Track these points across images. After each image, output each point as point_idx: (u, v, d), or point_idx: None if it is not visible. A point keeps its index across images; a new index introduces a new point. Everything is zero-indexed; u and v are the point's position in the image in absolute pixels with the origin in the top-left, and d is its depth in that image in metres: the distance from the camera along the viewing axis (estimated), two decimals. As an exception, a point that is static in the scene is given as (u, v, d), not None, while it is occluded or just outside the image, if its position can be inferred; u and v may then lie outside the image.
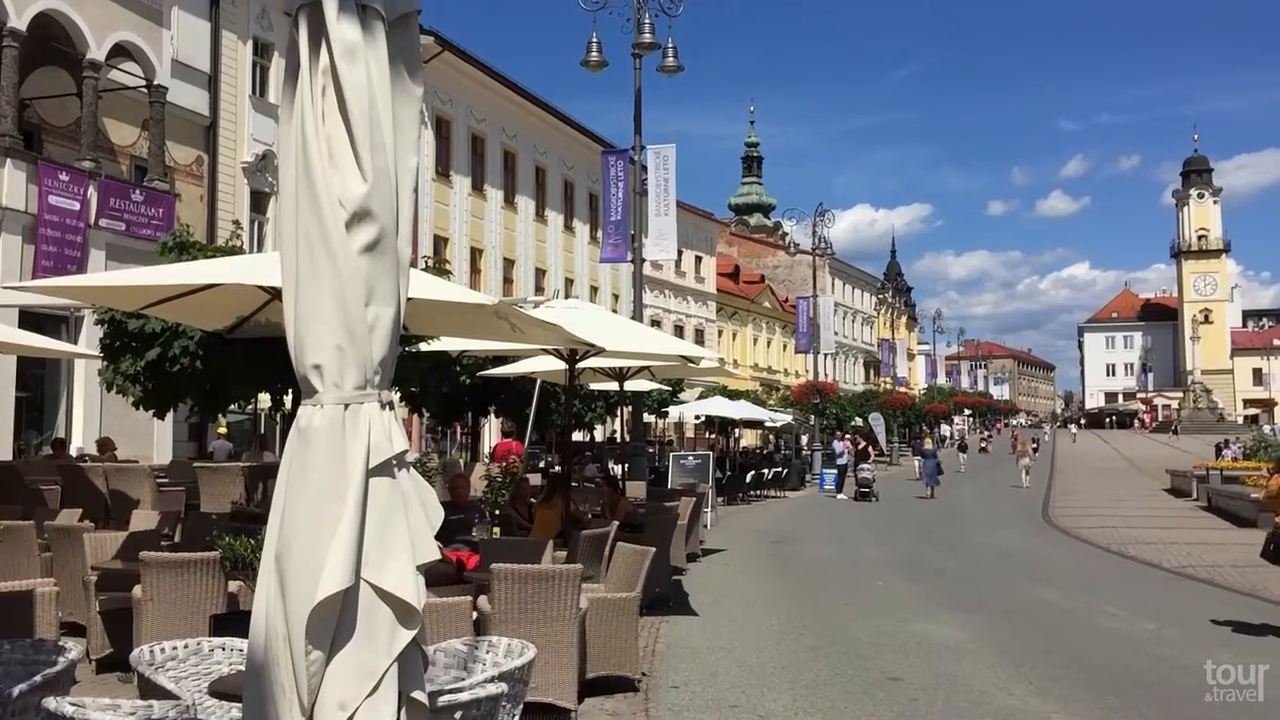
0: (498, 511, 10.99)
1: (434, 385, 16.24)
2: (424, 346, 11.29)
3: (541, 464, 23.72)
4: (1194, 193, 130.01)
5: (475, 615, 6.41)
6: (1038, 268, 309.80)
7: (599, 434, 34.22)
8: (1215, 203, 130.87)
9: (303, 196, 2.61)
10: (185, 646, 4.37)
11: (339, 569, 2.55)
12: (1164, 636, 9.94)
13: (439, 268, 19.29)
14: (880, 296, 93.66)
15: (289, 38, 2.71)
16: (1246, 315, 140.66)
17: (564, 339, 8.69)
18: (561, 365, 10.95)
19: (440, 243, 33.29)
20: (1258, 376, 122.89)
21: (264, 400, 18.17)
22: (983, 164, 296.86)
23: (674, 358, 12.46)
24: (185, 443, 22.13)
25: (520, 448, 19.18)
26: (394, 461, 2.65)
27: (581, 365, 11.22)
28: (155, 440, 20.92)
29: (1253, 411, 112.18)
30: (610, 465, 22.29)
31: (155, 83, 22.13)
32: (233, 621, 5.29)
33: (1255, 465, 32.45)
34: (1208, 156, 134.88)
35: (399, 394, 15.00)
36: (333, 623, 2.58)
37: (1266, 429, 68.08)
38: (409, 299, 6.02)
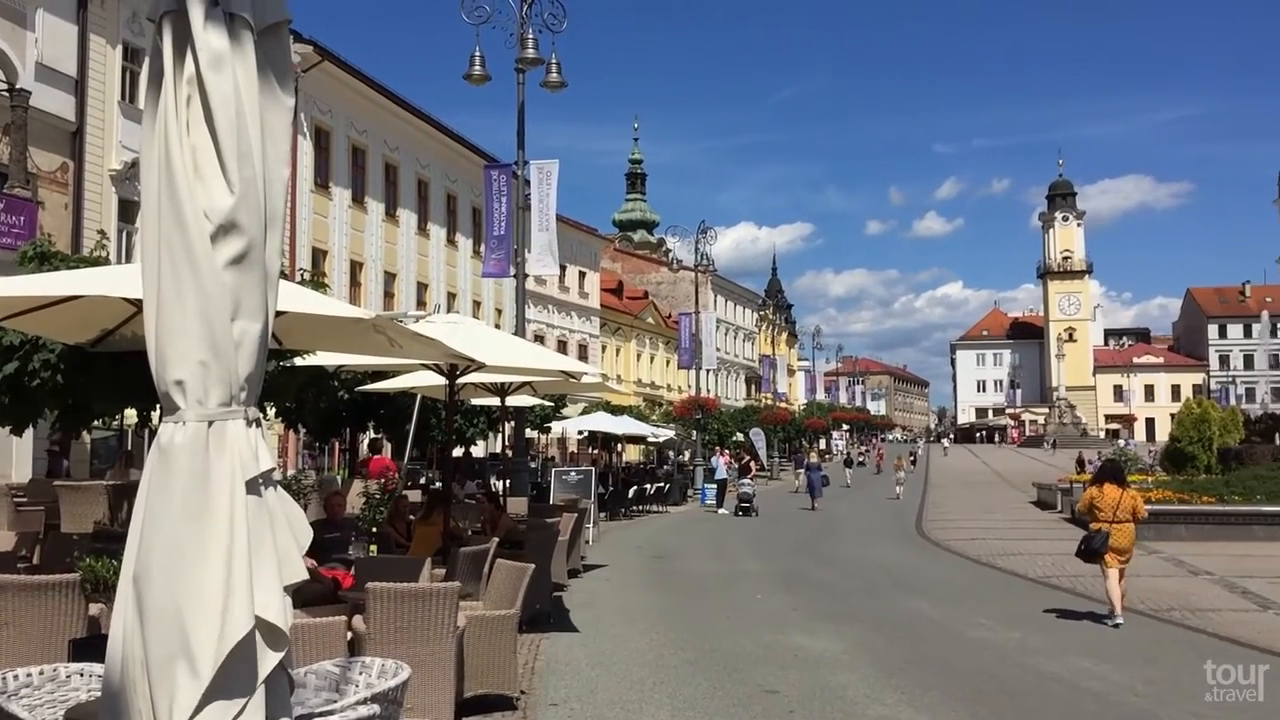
0: (374, 529, 10.81)
1: (310, 401, 15.87)
2: (300, 361, 11.04)
3: (422, 480, 23.40)
4: (1059, 216, 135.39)
5: (350, 635, 6.28)
6: (913, 286, 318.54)
7: (481, 450, 33.92)
8: (1079, 225, 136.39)
9: (166, 208, 2.54)
10: (41, 673, 4.19)
11: (204, 591, 2.48)
12: (1028, 645, 10.26)
13: (317, 281, 18.92)
14: (761, 313, 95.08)
15: (152, 45, 2.64)
16: (1108, 334, 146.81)
17: (444, 354, 8.60)
18: (442, 380, 10.83)
19: (319, 255, 32.65)
20: (1118, 393, 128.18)
21: (130, 416, 17.55)
22: (862, 185, 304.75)
23: (556, 373, 12.41)
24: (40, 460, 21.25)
25: (389, 463, 18.92)
26: (260, 480, 2.59)
27: (462, 380, 11.11)
28: (14, 458, 20.02)
29: (1114, 426, 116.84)
30: (492, 481, 22.11)
31: (18, 86, 21.26)
32: (92, 646, 5.08)
33: (1115, 478, 33.74)
34: (1072, 181, 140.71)
35: (274, 410, 14.64)
36: (194, 646, 2.50)
37: (1121, 443, 70.98)
38: (284, 312, 5.90)
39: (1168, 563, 17.24)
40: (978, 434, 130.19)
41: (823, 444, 77.26)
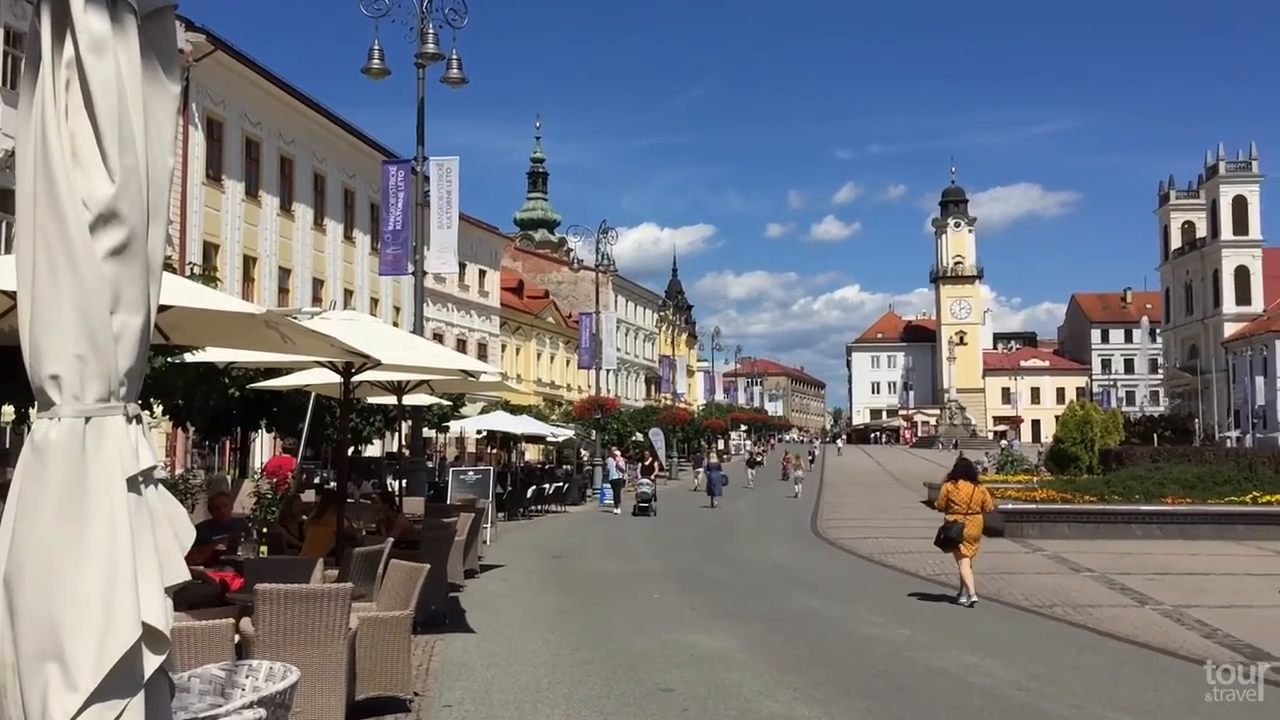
0: (265, 530, 10.58)
1: (199, 398, 15.46)
2: (188, 357, 10.75)
3: (316, 480, 22.97)
4: (951, 222, 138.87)
5: (237, 638, 6.14)
6: (812, 289, 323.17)
7: (377, 449, 33.45)
8: (970, 232, 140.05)
9: (42, 196, 2.44)
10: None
11: (81, 594, 2.40)
12: (918, 641, 10.49)
13: (208, 275, 18.45)
14: (662, 314, 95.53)
15: (31, 27, 2.54)
16: (997, 338, 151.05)
17: (339, 351, 8.45)
18: (337, 378, 10.65)
19: (211, 249, 31.83)
20: (1006, 395, 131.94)
21: (8, 413, 16.89)
22: (763, 188, 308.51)
23: (454, 372, 12.30)
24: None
25: (293, 463, 18.55)
26: (140, 478, 2.52)
27: (358, 378, 10.94)
28: (-120, 456, 19.13)
29: (1002, 428, 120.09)
30: (388, 481, 21.82)
31: (-112, 67, 20.34)
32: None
33: (1003, 478, 34.78)
34: (964, 188, 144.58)
35: (160, 407, 14.23)
36: (70, 650, 2.42)
37: (1004, 443, 73.02)
38: (170, 306, 5.74)
39: (1051, 560, 17.78)
40: (872, 435, 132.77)
41: (721, 444, 77.96)
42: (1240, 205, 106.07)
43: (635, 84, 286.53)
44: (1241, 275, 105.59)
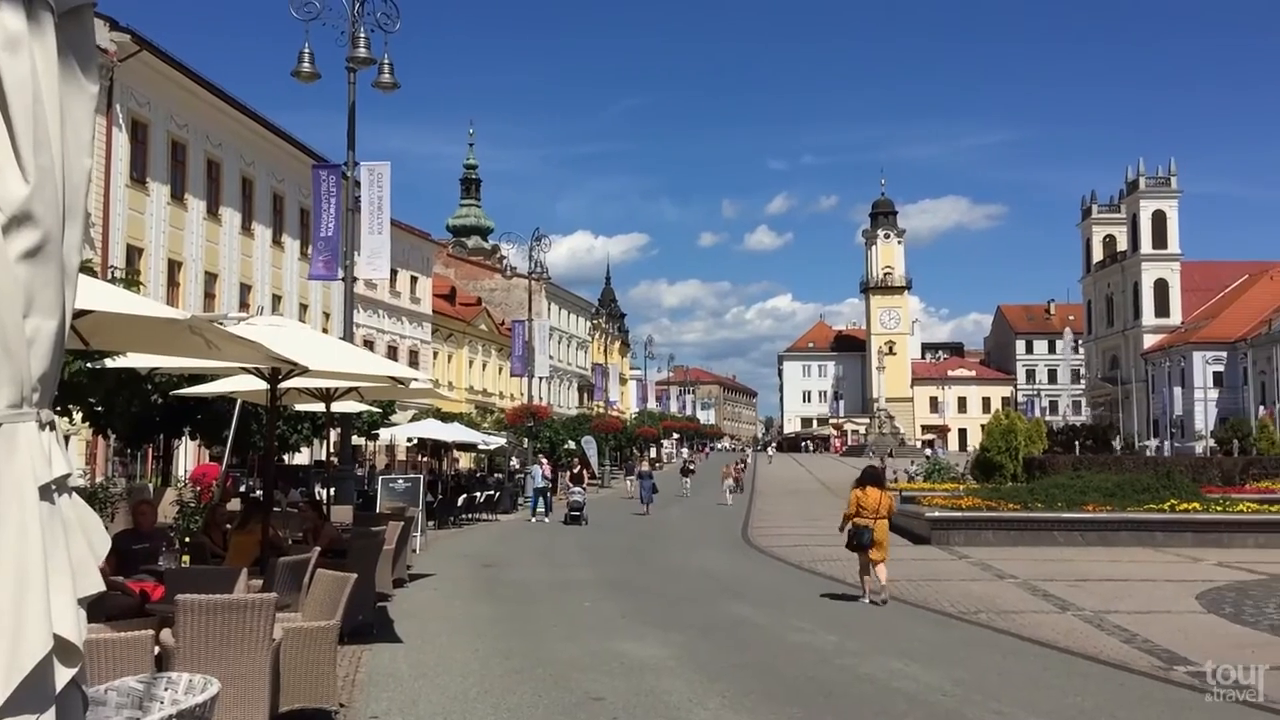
0: (188, 539, 10.39)
1: (121, 405, 15.13)
2: (109, 363, 10.52)
3: (242, 488, 22.59)
4: (881, 233, 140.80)
5: (157, 650, 6.01)
6: (744, 298, 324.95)
7: (305, 457, 32.99)
8: (900, 243, 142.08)
9: (-48, 196, 2.38)
10: None
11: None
12: (846, 648, 10.58)
13: (131, 280, 18.07)
14: (595, 322, 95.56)
15: (-59, 22, 2.47)
16: (926, 348, 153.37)
17: (265, 357, 8.33)
18: (263, 385, 10.50)
19: (134, 253, 31.19)
20: (934, 404, 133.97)
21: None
22: (697, 197, 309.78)
23: (383, 379, 12.16)
24: None
25: (217, 471, 18.24)
26: (53, 486, 2.45)
27: (285, 385, 10.79)
28: None
29: (929, 436, 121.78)
30: (316, 489, 21.54)
31: None
32: None
33: (930, 487, 35.29)
34: (894, 200, 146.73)
35: (80, 414, 13.91)
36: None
37: (929, 452, 74.20)
38: (89, 311, 5.61)
39: (976, 567, 18.07)
40: (803, 443, 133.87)
41: (653, 452, 78.09)
42: (1159, 220, 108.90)
43: (570, 91, 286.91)
44: (1160, 288, 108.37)
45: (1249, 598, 13.89)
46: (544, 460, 35.31)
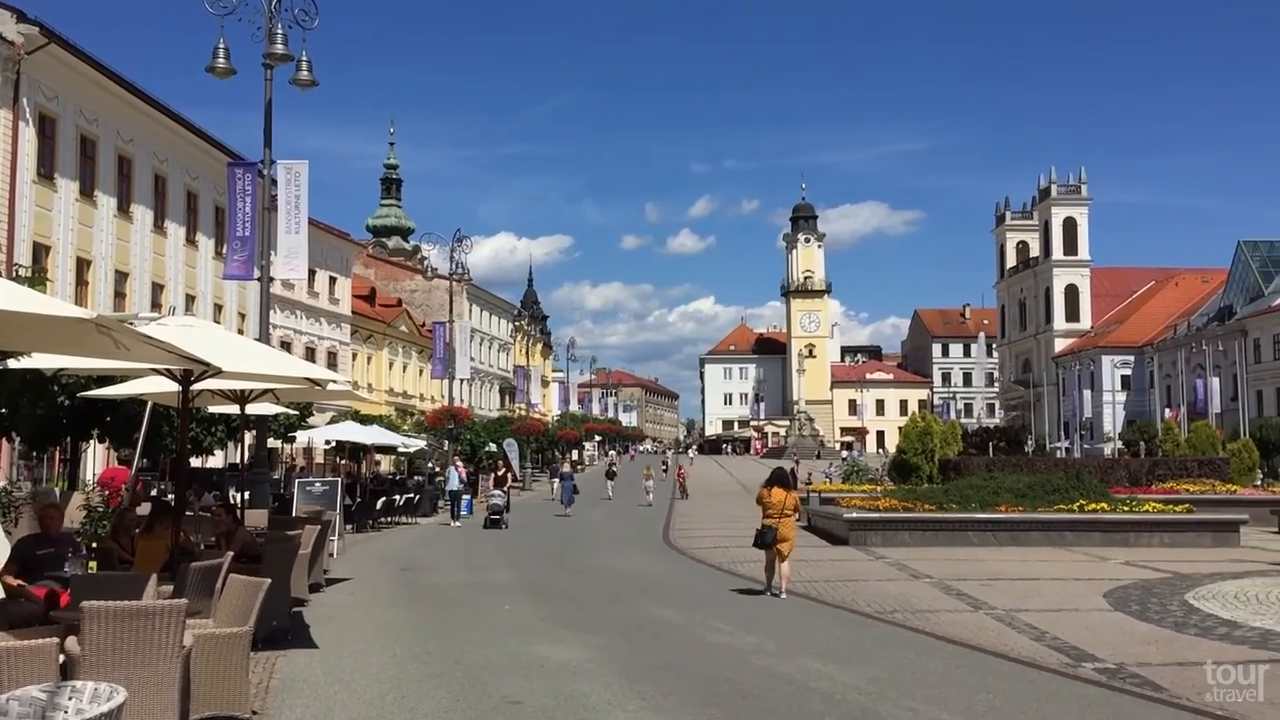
0: (95, 544, 10.13)
1: (26, 407, 14.70)
2: (12, 363, 10.21)
3: (153, 492, 22.07)
4: (801, 237, 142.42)
5: (62, 659, 5.85)
6: (667, 301, 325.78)
7: (219, 460, 32.38)
8: (819, 247, 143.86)
9: None
10: None
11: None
12: (764, 648, 10.67)
13: (37, 278, 17.56)
14: (517, 324, 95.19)
15: None
16: (845, 351, 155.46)
17: (176, 358, 8.15)
18: (175, 386, 10.27)
19: (41, 251, 30.31)
20: (852, 407, 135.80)
21: None
22: (620, 200, 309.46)
23: (300, 380, 11.98)
24: None
25: (127, 474, 17.80)
26: (-52, 490, 2.38)
27: (197, 387, 10.57)
28: None
29: (848, 439, 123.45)
30: (230, 493, 21.13)
31: None
32: None
33: (848, 488, 35.76)
34: (815, 205, 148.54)
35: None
36: None
37: (844, 454, 75.22)
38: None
39: (892, 567, 18.34)
40: (724, 445, 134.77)
41: (575, 455, 78.03)
42: (1070, 227, 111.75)
43: (493, 92, 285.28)
44: (1071, 293, 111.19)
45: (1154, 595, 14.29)
46: (459, 462, 34.98)
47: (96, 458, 29.01)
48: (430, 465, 44.48)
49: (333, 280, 56.32)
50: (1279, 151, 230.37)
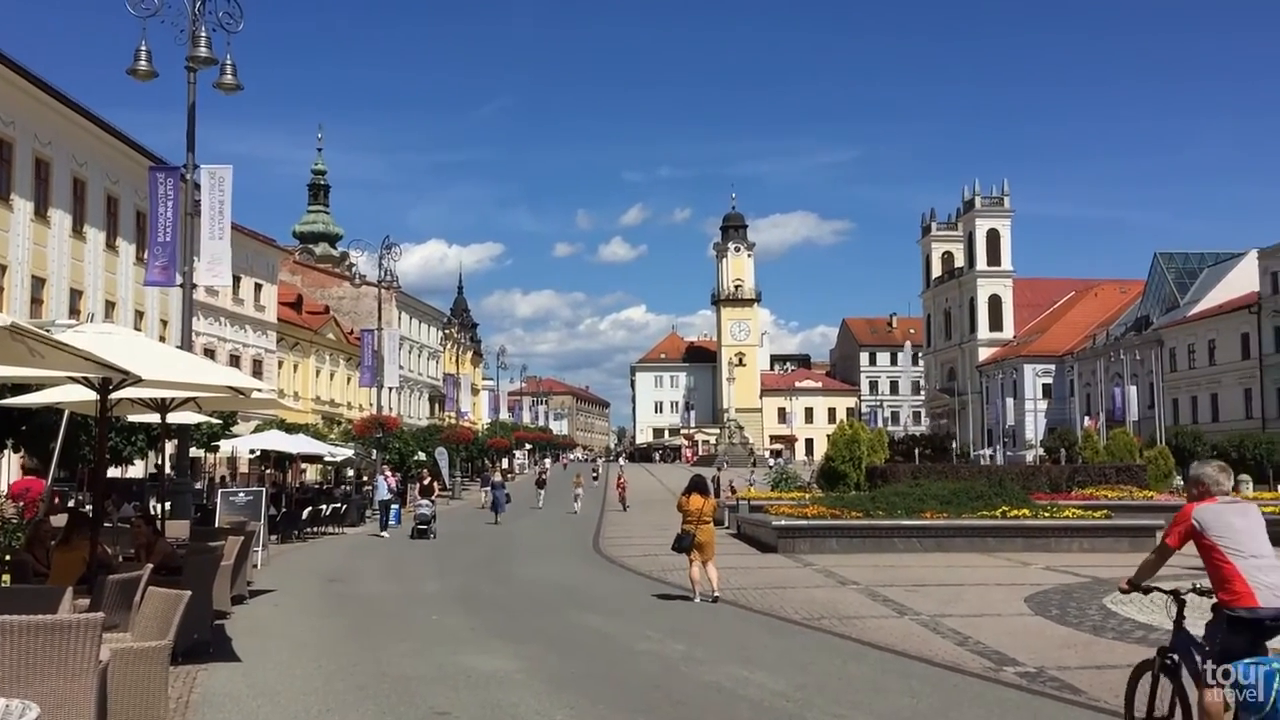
0: (9, 557, 9.86)
1: (-64, 416, 14.28)
2: (-78, 371, 9.90)
3: (70, 503, 21.55)
4: (732, 246, 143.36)
5: (-28, 675, 5.68)
6: (598, 309, 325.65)
7: (139, 470, 31.69)
8: (750, 256, 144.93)
9: None
10: None
11: None
12: (693, 655, 10.71)
13: (-52, 283, 17.08)
14: (447, 331, 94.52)
15: None
16: (775, 359, 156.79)
17: (94, 366, 7.97)
18: (93, 395, 10.03)
19: (-47, 255, 29.48)
20: (782, 415, 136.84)
21: None
22: (552, 207, 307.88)
23: (223, 389, 11.78)
24: None
25: (42, 485, 17.36)
26: None
27: (116, 395, 10.34)
28: None
29: (778, 446, 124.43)
30: (151, 503, 20.69)
31: None
32: None
33: (776, 496, 36.01)
34: (746, 215, 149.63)
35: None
36: None
37: (771, 462, 75.82)
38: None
39: (820, 574, 18.51)
40: (655, 453, 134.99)
41: (505, 463, 77.70)
42: (994, 238, 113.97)
43: (425, 99, 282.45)
44: (994, 303, 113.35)
45: (1073, 599, 14.60)
46: (388, 471, 34.57)
47: (11, 468, 28.24)
48: (350, 474, 43.95)
49: (258, 287, 55.45)
50: (1194, 166, 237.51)
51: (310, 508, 29.28)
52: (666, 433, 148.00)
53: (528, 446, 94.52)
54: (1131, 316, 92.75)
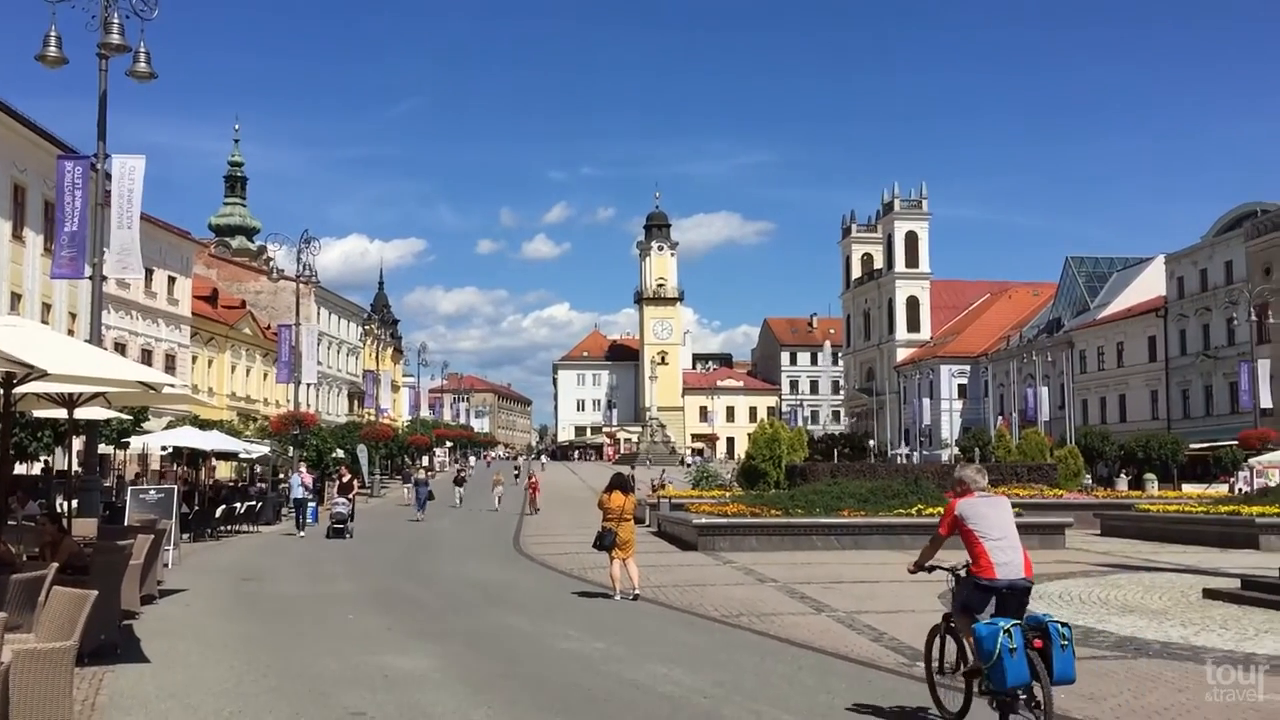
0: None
1: None
2: None
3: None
4: (655, 245, 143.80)
5: None
6: (521, 306, 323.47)
7: (46, 466, 30.80)
8: (673, 255, 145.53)
9: None
10: None
11: None
12: (612, 654, 10.71)
13: None
14: (367, 327, 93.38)
15: None
16: (696, 358, 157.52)
17: (-4, 360, 7.74)
18: (-5, 390, 9.74)
19: None
20: (703, 414, 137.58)
21: None
22: (475, 204, 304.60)
23: (133, 384, 11.51)
24: None
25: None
26: None
27: (20, 390, 10.06)
28: None
29: (699, 445, 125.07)
30: (57, 501, 20.13)
31: None
32: None
33: (698, 494, 36.19)
34: (669, 214, 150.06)
35: None
36: None
37: (688, 461, 76.20)
38: None
39: (739, 571, 18.65)
40: (577, 451, 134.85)
41: (426, 460, 77.05)
42: (912, 240, 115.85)
43: (347, 92, 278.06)
44: (912, 304, 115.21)
45: (985, 595, 14.90)
46: (303, 469, 33.92)
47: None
48: (262, 471, 43.18)
49: (172, 280, 54.24)
50: (1103, 171, 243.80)
51: (224, 506, 28.74)
52: (589, 431, 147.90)
53: (448, 444, 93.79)
54: (1044, 319, 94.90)
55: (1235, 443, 48.03)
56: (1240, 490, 40.38)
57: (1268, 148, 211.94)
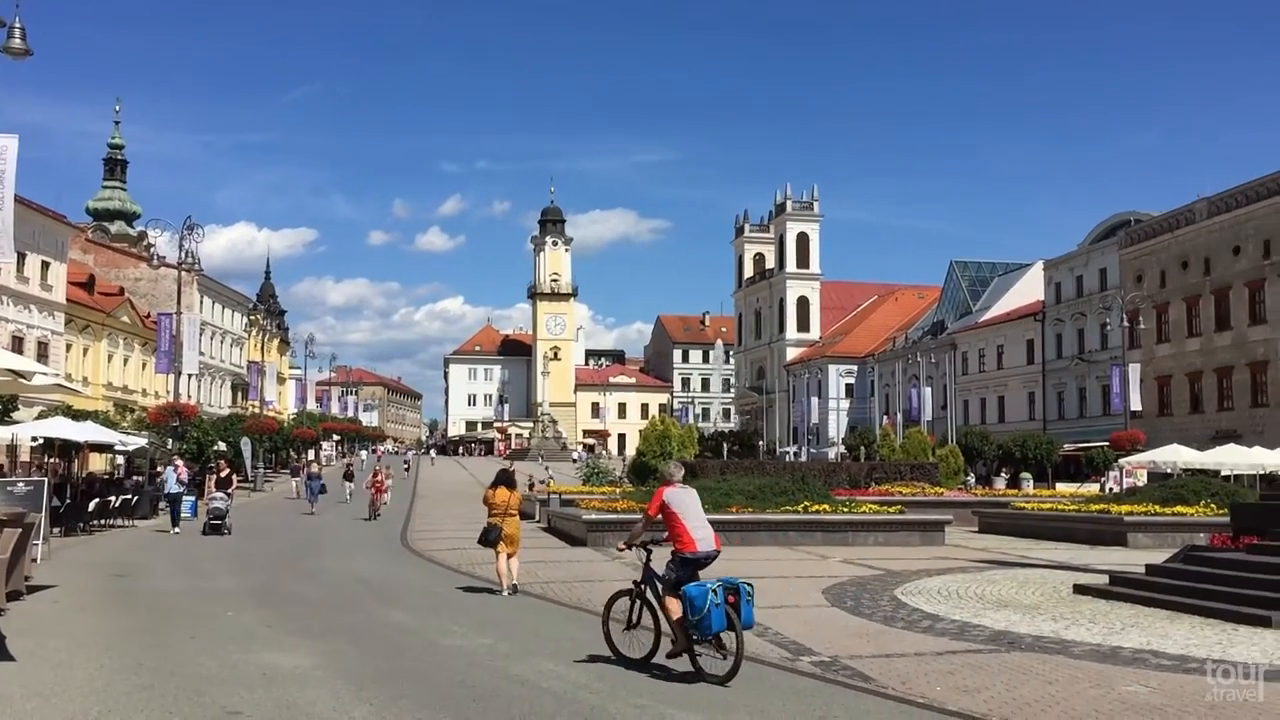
0: None
1: None
2: None
3: None
4: (549, 240, 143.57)
5: None
6: (414, 299, 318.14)
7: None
8: (567, 251, 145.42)
9: None
10: None
11: None
12: (498, 650, 10.65)
13: None
14: (252, 318, 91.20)
15: None
16: (590, 354, 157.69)
17: None
18: None
19: None
20: (595, 410, 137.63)
21: None
22: (368, 195, 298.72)
23: (2, 372, 11.08)
24: None
25: None
26: None
27: (-123, 377, 9.58)
28: None
29: (591, 441, 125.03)
30: (-84, 494, 19.23)
31: None
32: None
33: (588, 490, 36.24)
34: (564, 209, 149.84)
35: None
36: None
37: (576, 456, 76.26)
38: None
39: (628, 567, 18.61)
40: (467, 446, 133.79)
41: (311, 454, 75.64)
42: (803, 241, 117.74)
43: (237, 76, 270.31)
44: (803, 305, 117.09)
45: (867, 591, 15.24)
46: (180, 462, 32.63)
47: None
48: (138, 463, 41.91)
49: (45, 265, 52.27)
50: (988, 179, 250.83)
51: (98, 499, 27.77)
52: (480, 425, 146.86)
53: (335, 438, 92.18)
54: (929, 321, 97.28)
55: (1107, 444, 49.87)
56: (1110, 489, 42.10)
57: (1154, 157, 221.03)
